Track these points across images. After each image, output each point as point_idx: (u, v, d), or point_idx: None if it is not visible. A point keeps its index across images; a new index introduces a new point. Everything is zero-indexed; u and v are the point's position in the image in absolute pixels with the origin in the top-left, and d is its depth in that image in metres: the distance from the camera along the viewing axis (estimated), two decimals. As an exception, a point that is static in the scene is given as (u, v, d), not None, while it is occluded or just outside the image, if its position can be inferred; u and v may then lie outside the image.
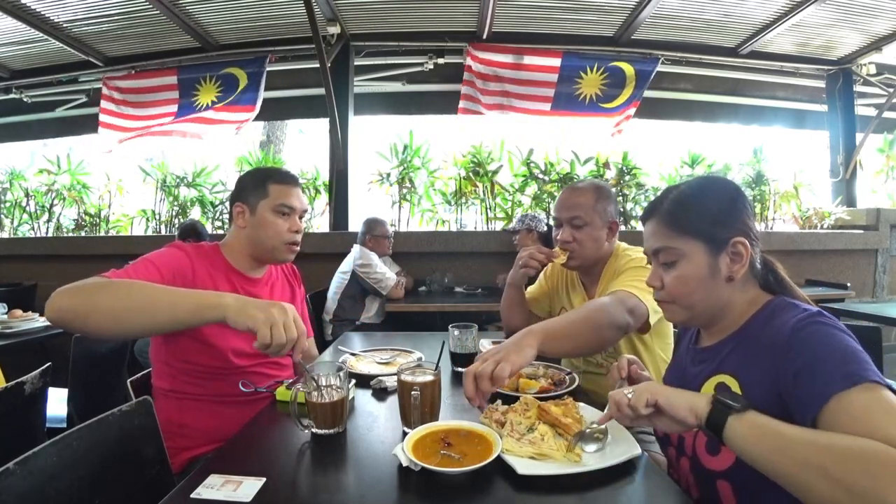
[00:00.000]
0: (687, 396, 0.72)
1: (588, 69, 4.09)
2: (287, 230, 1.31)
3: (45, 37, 3.84)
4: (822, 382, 0.66)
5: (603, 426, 0.85)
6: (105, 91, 4.30)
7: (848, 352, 0.68)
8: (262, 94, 4.12)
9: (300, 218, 1.36)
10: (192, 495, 0.71)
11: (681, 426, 0.72)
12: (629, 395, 0.75)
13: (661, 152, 4.67)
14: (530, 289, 1.75)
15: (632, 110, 4.12)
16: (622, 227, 4.17)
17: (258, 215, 1.30)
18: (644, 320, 1.22)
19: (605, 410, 0.81)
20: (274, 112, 5.25)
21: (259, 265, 1.37)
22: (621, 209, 4.23)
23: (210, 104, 4.18)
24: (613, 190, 4.25)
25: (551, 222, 2.19)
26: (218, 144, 4.39)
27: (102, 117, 4.32)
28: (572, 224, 1.44)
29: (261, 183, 1.32)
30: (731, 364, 0.82)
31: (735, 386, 0.79)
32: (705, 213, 0.85)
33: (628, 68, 4.08)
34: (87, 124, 5.01)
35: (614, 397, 0.77)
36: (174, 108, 4.27)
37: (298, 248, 1.36)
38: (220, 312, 0.90)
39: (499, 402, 1.00)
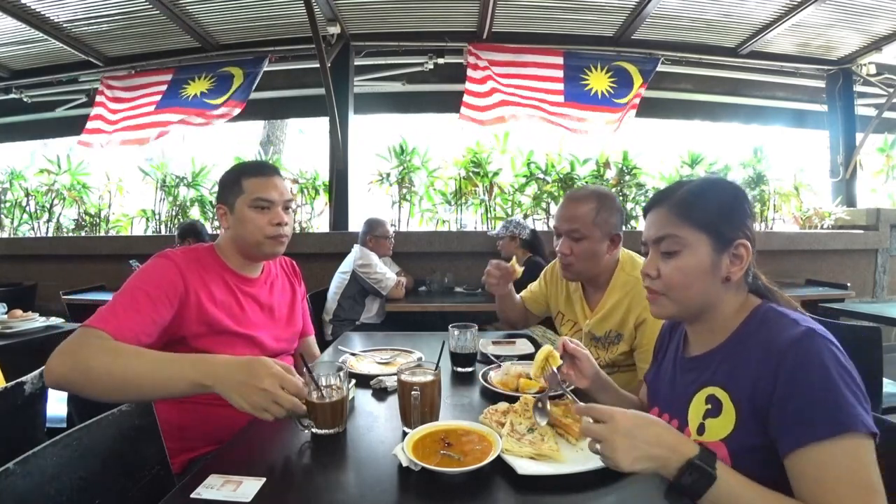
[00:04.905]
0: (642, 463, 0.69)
1: (592, 67, 4.08)
2: (268, 223, 1.25)
3: (45, 37, 3.85)
4: (807, 423, 0.67)
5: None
6: (101, 94, 4.26)
7: (840, 390, 0.66)
8: (251, 94, 4.07)
9: (285, 209, 1.28)
10: (192, 495, 0.71)
11: None
12: (593, 426, 0.72)
13: (661, 152, 4.67)
14: (530, 287, 1.79)
15: (635, 102, 4.08)
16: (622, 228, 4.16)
17: (237, 213, 1.25)
18: None
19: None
20: (274, 112, 5.25)
21: (252, 263, 1.33)
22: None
23: (198, 95, 4.10)
24: (616, 193, 4.21)
25: (539, 227, 2.19)
26: (191, 137, 4.33)
27: (90, 124, 4.26)
28: (571, 237, 1.40)
29: (235, 179, 1.26)
30: (721, 376, 0.81)
31: (725, 399, 0.78)
32: (717, 207, 0.84)
33: (632, 68, 4.08)
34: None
35: (589, 410, 0.74)
36: (158, 98, 4.19)
37: (287, 239, 1.30)
38: (211, 391, 0.88)
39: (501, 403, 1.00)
